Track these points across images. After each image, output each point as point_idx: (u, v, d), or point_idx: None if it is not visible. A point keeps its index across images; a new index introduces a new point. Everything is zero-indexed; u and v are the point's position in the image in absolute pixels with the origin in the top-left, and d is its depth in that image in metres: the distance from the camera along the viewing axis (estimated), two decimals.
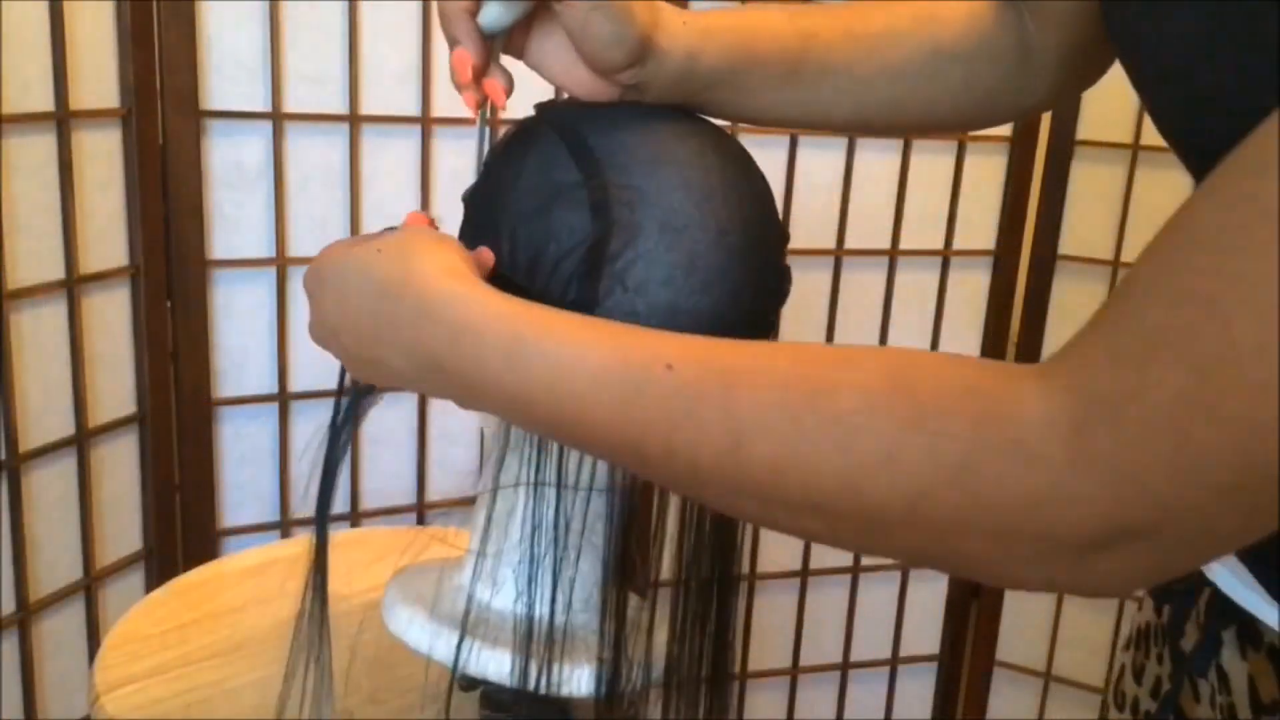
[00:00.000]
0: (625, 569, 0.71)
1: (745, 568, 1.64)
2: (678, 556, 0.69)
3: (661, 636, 0.70)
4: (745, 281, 0.62)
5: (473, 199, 0.67)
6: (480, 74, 0.63)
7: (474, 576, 0.70)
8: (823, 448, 0.42)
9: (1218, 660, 0.58)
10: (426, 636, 0.68)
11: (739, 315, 0.62)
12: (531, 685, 0.66)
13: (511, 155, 0.65)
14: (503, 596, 0.70)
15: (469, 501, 0.76)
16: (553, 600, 0.66)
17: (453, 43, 0.62)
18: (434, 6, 1.32)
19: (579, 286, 0.60)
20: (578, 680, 0.67)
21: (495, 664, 0.66)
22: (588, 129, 0.63)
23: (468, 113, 0.65)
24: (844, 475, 0.41)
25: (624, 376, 0.46)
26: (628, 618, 0.70)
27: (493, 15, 0.62)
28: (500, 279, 0.63)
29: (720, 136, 0.65)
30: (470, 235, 0.66)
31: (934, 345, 1.64)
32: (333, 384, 0.73)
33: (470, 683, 0.77)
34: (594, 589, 0.70)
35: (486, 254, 0.61)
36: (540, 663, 0.66)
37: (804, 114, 0.70)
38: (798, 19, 0.69)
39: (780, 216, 0.69)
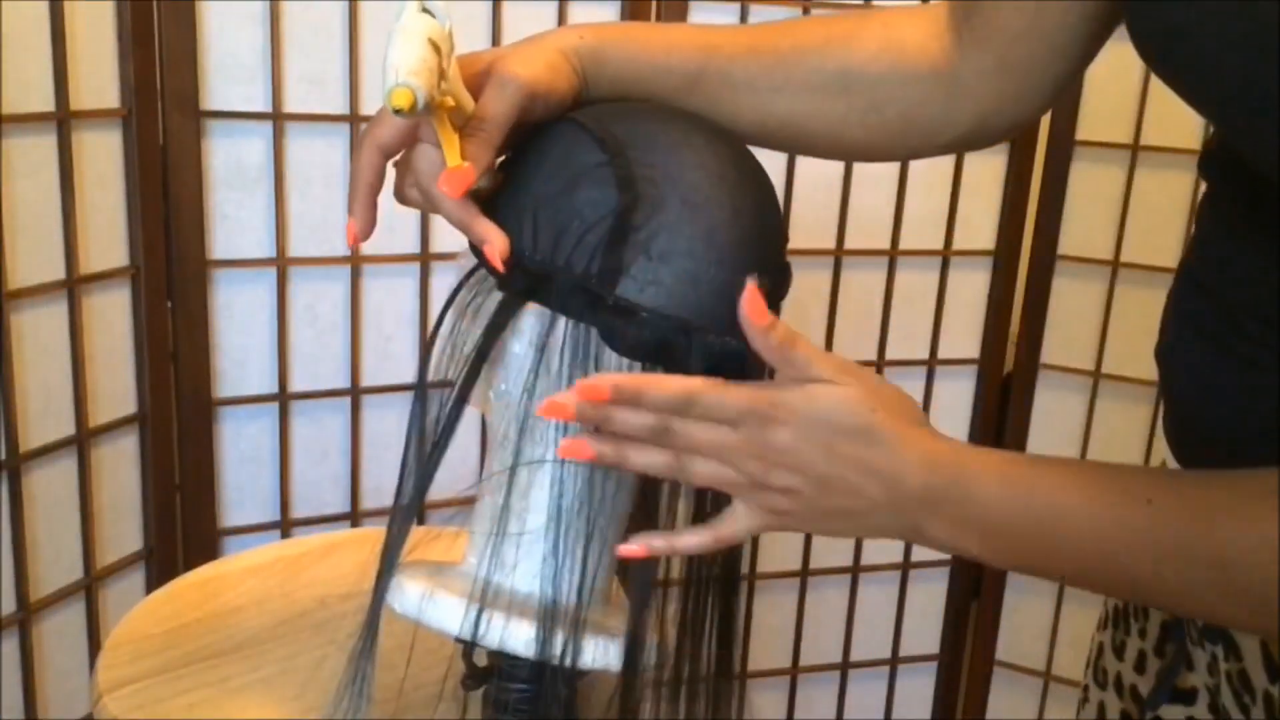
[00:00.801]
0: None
1: (745, 568, 1.63)
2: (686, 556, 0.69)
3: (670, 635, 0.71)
4: (757, 259, 0.65)
5: (487, 198, 0.68)
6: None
7: (490, 559, 0.70)
8: None
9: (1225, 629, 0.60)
10: (442, 611, 0.68)
11: None
12: (555, 657, 0.66)
13: (530, 149, 0.68)
14: (519, 577, 0.70)
15: (469, 501, 0.76)
16: (581, 575, 0.67)
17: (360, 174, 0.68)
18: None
19: (604, 255, 0.63)
20: (600, 653, 0.68)
21: (516, 636, 0.67)
22: (608, 120, 0.66)
23: None
24: None
25: (1112, 509, 0.55)
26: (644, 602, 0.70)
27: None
28: (518, 263, 0.65)
29: (727, 132, 0.70)
30: (493, 221, 0.67)
31: (934, 345, 1.64)
32: (331, 384, 0.74)
33: (476, 680, 0.77)
34: (606, 575, 0.71)
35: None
36: (565, 634, 0.66)
37: (714, 120, 0.73)
38: (702, 34, 0.73)
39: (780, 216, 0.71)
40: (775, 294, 0.68)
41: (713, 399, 0.58)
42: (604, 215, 0.63)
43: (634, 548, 0.62)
